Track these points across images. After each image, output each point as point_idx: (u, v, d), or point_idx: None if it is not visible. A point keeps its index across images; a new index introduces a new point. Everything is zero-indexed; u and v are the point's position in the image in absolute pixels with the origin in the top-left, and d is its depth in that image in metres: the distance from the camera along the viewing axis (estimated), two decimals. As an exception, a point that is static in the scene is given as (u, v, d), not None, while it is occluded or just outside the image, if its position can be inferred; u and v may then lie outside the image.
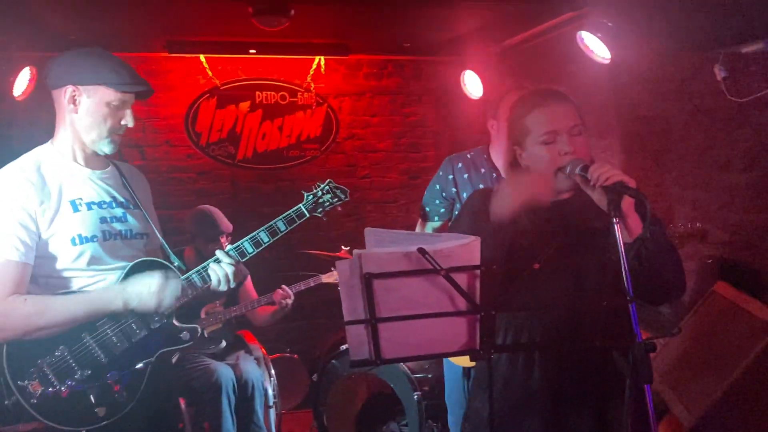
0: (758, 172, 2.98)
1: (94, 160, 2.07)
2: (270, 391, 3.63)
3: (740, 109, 3.01)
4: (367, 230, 1.36)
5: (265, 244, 2.15)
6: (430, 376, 3.63)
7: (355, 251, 1.27)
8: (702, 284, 3.22)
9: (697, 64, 3.20)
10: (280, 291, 3.66)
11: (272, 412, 3.62)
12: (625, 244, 1.59)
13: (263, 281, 3.91)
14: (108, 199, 2.06)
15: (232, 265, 2.06)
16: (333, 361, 3.89)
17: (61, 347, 1.89)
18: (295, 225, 2.20)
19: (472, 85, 4.81)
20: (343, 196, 2.35)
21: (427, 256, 1.26)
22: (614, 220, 1.61)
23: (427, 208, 2.94)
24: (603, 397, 1.75)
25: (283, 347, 4.61)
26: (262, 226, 2.16)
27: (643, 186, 1.76)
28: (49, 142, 2.06)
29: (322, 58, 4.88)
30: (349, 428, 3.95)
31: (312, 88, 4.95)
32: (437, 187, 2.91)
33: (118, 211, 2.07)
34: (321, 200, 2.29)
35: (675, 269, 1.76)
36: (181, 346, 2.07)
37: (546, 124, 1.75)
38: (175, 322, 2.07)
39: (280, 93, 4.88)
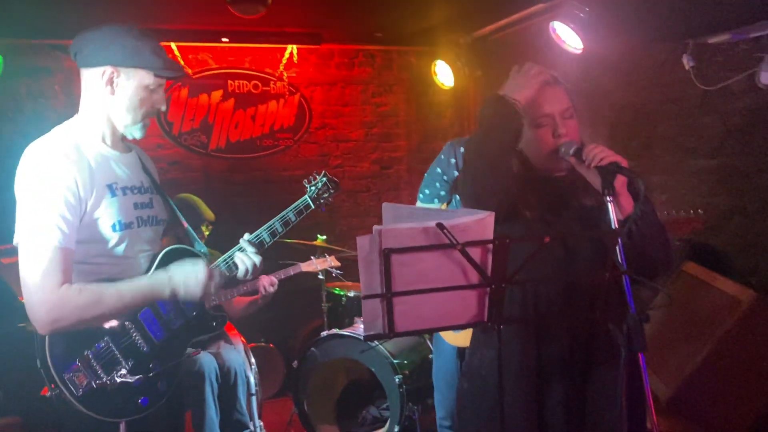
0: (723, 158, 3.13)
1: (119, 143, 1.99)
2: (252, 379, 3.63)
3: (707, 98, 3.16)
4: (385, 205, 1.40)
5: (280, 233, 2.17)
6: (411, 359, 3.69)
7: (375, 227, 1.32)
8: (672, 269, 3.36)
9: (666, 54, 3.33)
10: (264, 279, 3.66)
11: (254, 400, 3.62)
12: (617, 221, 1.68)
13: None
14: (138, 184, 2.00)
15: (258, 254, 2.07)
16: (312, 348, 3.91)
17: (105, 338, 1.85)
18: (302, 217, 2.23)
19: (443, 75, 4.88)
20: (334, 189, 2.37)
21: (445, 231, 1.31)
22: (608, 198, 1.69)
23: (427, 191, 2.98)
24: (594, 366, 1.83)
25: (258, 337, 4.61)
26: (275, 217, 2.17)
27: None
28: (75, 120, 1.94)
29: (295, 47, 4.87)
30: (329, 414, 3.99)
31: (284, 78, 4.94)
32: (438, 170, 2.94)
33: (146, 197, 2.01)
34: (321, 192, 2.32)
35: (663, 246, 1.85)
36: (211, 334, 2.08)
37: (540, 107, 1.83)
38: (207, 309, 2.09)
39: (253, 82, 4.85)
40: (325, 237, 4.20)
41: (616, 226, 1.67)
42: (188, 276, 1.90)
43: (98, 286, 1.80)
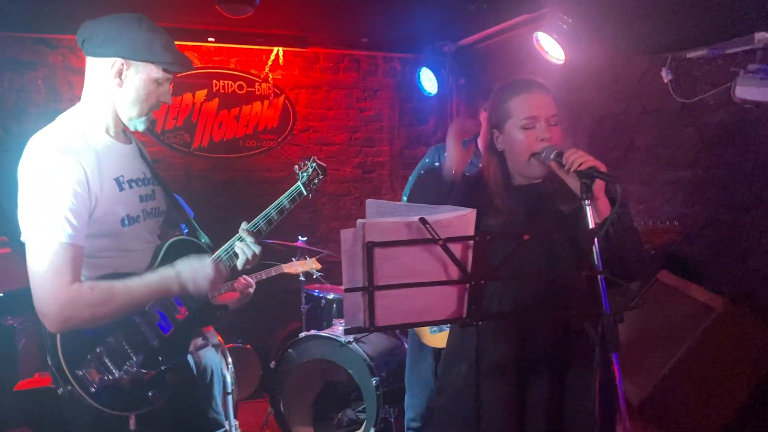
0: (699, 170, 3.21)
1: (122, 134, 1.98)
2: (228, 379, 3.63)
3: (685, 110, 3.24)
4: (369, 201, 1.43)
5: (275, 222, 2.17)
6: (388, 362, 3.71)
7: (359, 220, 1.34)
8: (647, 273, 3.43)
9: (646, 67, 3.41)
10: (242, 280, 3.66)
11: (230, 399, 3.61)
12: (594, 224, 1.72)
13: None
14: (141, 176, 1.99)
15: (257, 243, 2.07)
16: (290, 350, 3.92)
17: (116, 333, 1.84)
18: (295, 204, 2.24)
19: (427, 82, 4.94)
20: (323, 174, 2.37)
21: (427, 226, 1.34)
22: (586, 202, 1.74)
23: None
24: (568, 365, 1.87)
25: (236, 338, 4.60)
26: (271, 205, 2.17)
27: None
28: (80, 108, 1.91)
29: (281, 49, 4.89)
30: (305, 415, 4.00)
31: (270, 79, 4.95)
32: (422, 172, 2.98)
33: (149, 188, 2.01)
34: (312, 177, 2.32)
35: (638, 251, 1.91)
36: (217, 324, 2.10)
37: (528, 110, 1.88)
38: (211, 300, 2.11)
39: (238, 83, 4.86)
40: (306, 239, 4.21)
41: (594, 228, 1.72)
42: (196, 272, 1.90)
43: (109, 284, 1.79)
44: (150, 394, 1.88)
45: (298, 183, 2.28)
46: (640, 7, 2.88)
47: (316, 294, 4.29)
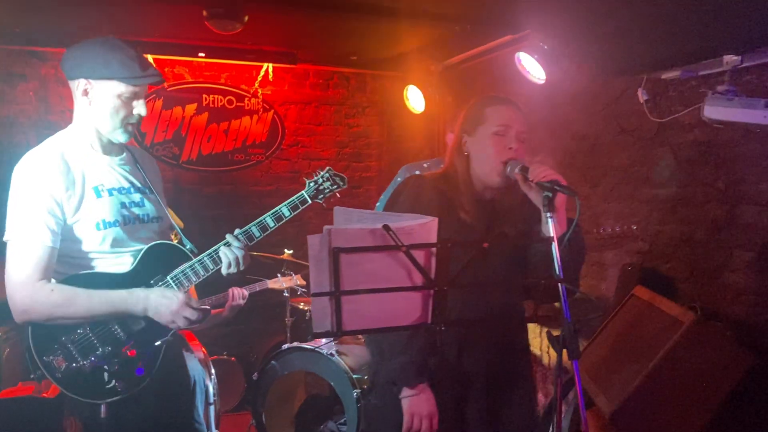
0: (674, 188, 3.28)
1: (110, 146, 2.14)
2: (211, 389, 3.65)
3: (660, 130, 3.32)
4: (337, 209, 1.48)
5: (270, 228, 2.23)
6: (369, 375, 3.74)
7: (326, 227, 1.40)
8: (623, 289, 3.49)
9: (623, 88, 3.50)
10: (237, 290, 3.71)
11: (212, 409, 3.63)
12: (548, 237, 1.78)
13: (208, 284, 3.95)
14: (126, 185, 2.15)
15: (242, 249, 2.15)
16: (272, 362, 3.95)
17: (84, 325, 1.98)
18: (297, 211, 2.27)
19: (415, 99, 5.03)
20: (341, 183, 2.38)
21: (390, 232, 1.40)
22: (548, 214, 1.80)
23: (378, 204, 3.07)
24: (506, 378, 1.94)
25: (220, 350, 4.62)
26: (269, 212, 2.22)
27: None
28: (68, 128, 2.10)
29: (271, 65, 4.97)
30: (287, 427, 4.01)
31: (259, 95, 5.03)
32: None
33: (136, 196, 2.16)
34: (322, 187, 2.33)
35: (581, 259, 2.00)
36: (192, 326, 2.15)
37: (502, 118, 1.98)
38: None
39: (227, 97, 4.94)
40: (291, 251, 4.26)
41: (555, 240, 1.78)
42: (161, 303, 2.02)
43: (73, 290, 1.95)
44: (116, 383, 2.00)
45: (303, 192, 2.31)
46: (617, 29, 2.97)
47: (300, 307, 4.33)
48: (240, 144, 5.00)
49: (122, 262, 2.10)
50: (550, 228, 1.76)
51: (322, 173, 2.36)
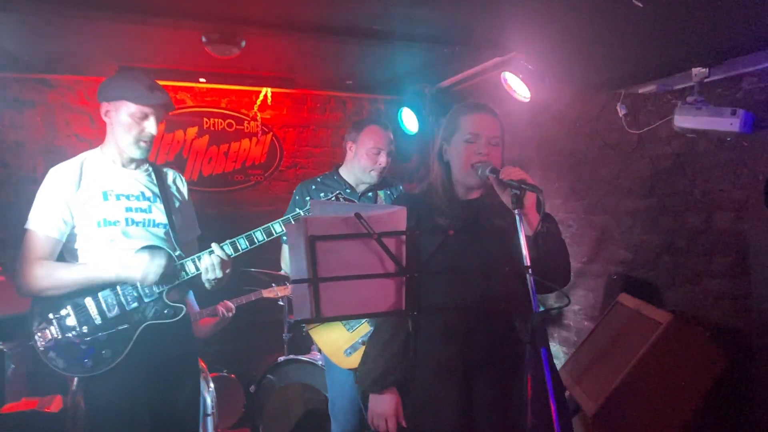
0: (655, 198, 3.40)
1: (131, 162, 2.48)
2: (209, 401, 3.74)
3: (639, 143, 3.45)
4: (312, 201, 1.61)
5: (258, 242, 2.48)
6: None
7: (302, 216, 1.52)
8: (608, 297, 3.59)
9: (603, 103, 3.64)
10: (224, 304, 3.83)
11: (210, 421, 3.71)
12: (526, 237, 1.89)
13: (207, 295, 4.05)
14: (137, 193, 2.47)
15: (219, 257, 2.41)
16: (269, 375, 4.03)
17: (67, 306, 2.32)
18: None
19: (409, 121, 5.19)
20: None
21: (362, 220, 1.52)
22: (517, 211, 1.92)
23: None
24: (509, 363, 2.03)
25: (220, 368, 4.70)
26: (260, 227, 2.47)
27: (558, 212, 2.15)
28: (99, 146, 2.50)
29: (269, 90, 5.15)
30: (285, 440, 4.08)
31: (258, 118, 5.20)
32: (297, 210, 2.99)
33: (144, 204, 2.46)
34: None
35: (563, 257, 2.09)
36: (166, 321, 2.40)
37: (472, 127, 2.11)
38: (165, 299, 2.41)
39: (227, 121, 5.10)
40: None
41: (525, 235, 1.89)
42: (132, 263, 2.33)
43: (55, 263, 2.33)
44: (86, 361, 2.30)
45: (300, 210, 2.59)
46: (596, 46, 3.11)
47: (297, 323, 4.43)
48: (240, 165, 5.16)
49: (123, 257, 2.35)
50: (518, 225, 1.88)
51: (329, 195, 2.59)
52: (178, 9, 3.51)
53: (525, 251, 1.81)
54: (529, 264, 1.79)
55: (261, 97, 5.18)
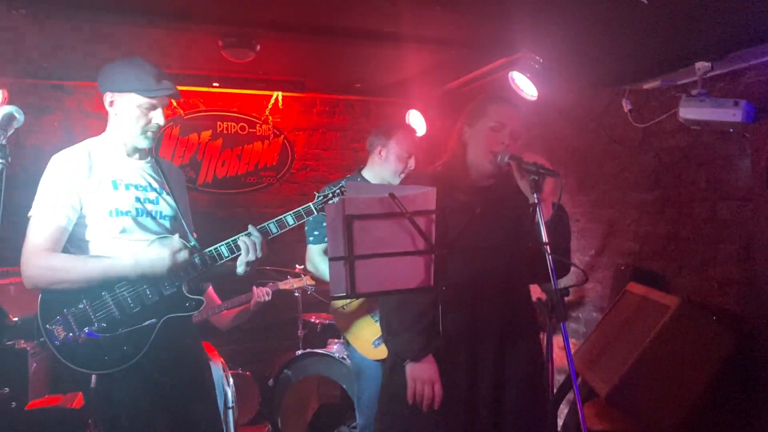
0: (660, 190, 3.51)
1: (136, 152, 2.43)
2: (230, 395, 3.84)
3: (645, 137, 3.57)
4: (348, 183, 1.72)
5: (288, 227, 2.45)
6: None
7: (341, 197, 1.63)
8: (616, 288, 3.69)
9: (608, 100, 3.76)
10: (261, 288, 3.95)
11: (231, 414, 3.81)
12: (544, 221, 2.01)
13: (223, 289, 4.17)
14: (144, 184, 2.41)
15: (259, 237, 2.38)
16: (286, 370, 4.13)
17: (84, 300, 2.22)
18: (302, 221, 2.45)
19: (416, 123, 5.31)
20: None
21: (396, 200, 1.63)
22: (536, 195, 2.03)
23: (316, 232, 3.24)
24: (512, 336, 2.15)
25: (236, 366, 4.80)
26: (273, 218, 2.44)
27: (566, 207, 2.29)
28: (101, 135, 2.42)
29: (280, 93, 5.28)
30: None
31: (270, 121, 5.33)
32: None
33: (152, 195, 2.42)
34: (330, 200, 2.46)
35: (567, 247, 2.22)
36: (186, 314, 2.35)
37: (501, 116, 2.22)
38: (184, 291, 2.35)
39: (240, 124, 5.23)
40: (303, 267, 4.46)
41: (543, 220, 2.00)
42: (153, 258, 2.25)
43: (71, 256, 2.23)
44: (105, 357, 2.21)
45: (310, 204, 2.46)
46: (602, 43, 3.22)
47: (312, 321, 4.53)
48: (252, 167, 5.28)
49: (134, 247, 2.30)
50: (538, 209, 1.99)
51: (332, 188, 2.49)
52: (199, 14, 3.63)
53: (544, 232, 1.93)
54: (547, 241, 1.91)
55: (272, 100, 5.31)
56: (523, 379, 2.13)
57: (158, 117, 2.37)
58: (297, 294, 4.36)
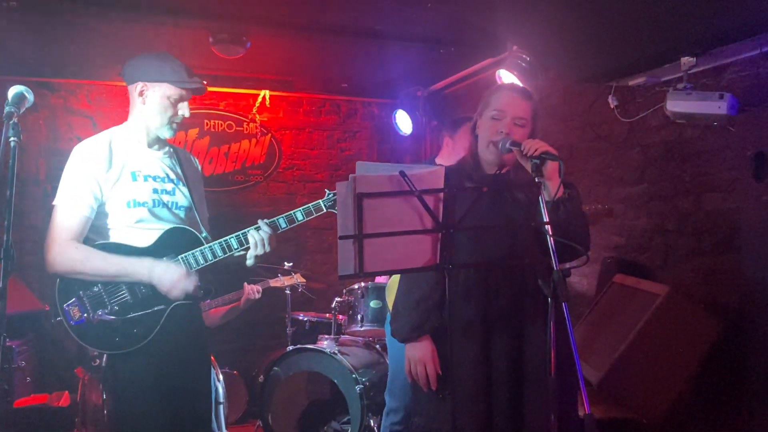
0: (645, 185, 3.60)
1: (156, 142, 2.52)
2: (220, 390, 3.82)
3: (631, 133, 3.66)
4: (358, 163, 1.75)
5: (297, 222, 2.51)
6: (370, 375, 3.93)
7: (351, 175, 1.67)
8: (603, 281, 3.77)
9: (594, 97, 3.84)
10: (251, 286, 3.96)
11: (221, 409, 3.79)
12: (547, 202, 2.06)
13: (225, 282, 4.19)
14: (162, 175, 2.50)
15: (268, 232, 2.44)
16: (275, 367, 4.13)
17: (99, 284, 2.33)
18: (311, 217, 2.53)
19: (402, 123, 5.36)
20: None
21: (406, 178, 1.67)
22: (537, 179, 2.09)
23: None
24: (526, 319, 2.18)
25: (223, 365, 4.78)
26: (282, 214, 2.50)
27: None
28: (122, 125, 2.50)
29: (268, 92, 5.30)
30: (292, 429, 4.17)
31: (257, 120, 5.34)
32: None
33: (169, 186, 2.50)
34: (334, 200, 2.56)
35: (583, 228, 2.25)
36: (194, 302, 2.45)
37: (499, 104, 2.24)
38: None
39: (227, 122, 5.24)
40: (291, 264, 4.48)
41: (545, 200, 2.05)
42: (164, 273, 2.33)
43: (92, 250, 2.32)
44: (117, 339, 2.32)
45: (320, 200, 2.58)
46: (587, 38, 3.29)
47: (300, 318, 4.54)
48: (240, 165, 5.29)
49: (146, 238, 2.40)
50: (542, 191, 2.05)
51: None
52: (189, 9, 3.65)
53: (545, 213, 1.98)
54: (547, 221, 1.96)
55: (260, 99, 5.32)
56: (541, 361, 2.15)
57: (185, 109, 2.48)
58: (288, 291, 4.37)
